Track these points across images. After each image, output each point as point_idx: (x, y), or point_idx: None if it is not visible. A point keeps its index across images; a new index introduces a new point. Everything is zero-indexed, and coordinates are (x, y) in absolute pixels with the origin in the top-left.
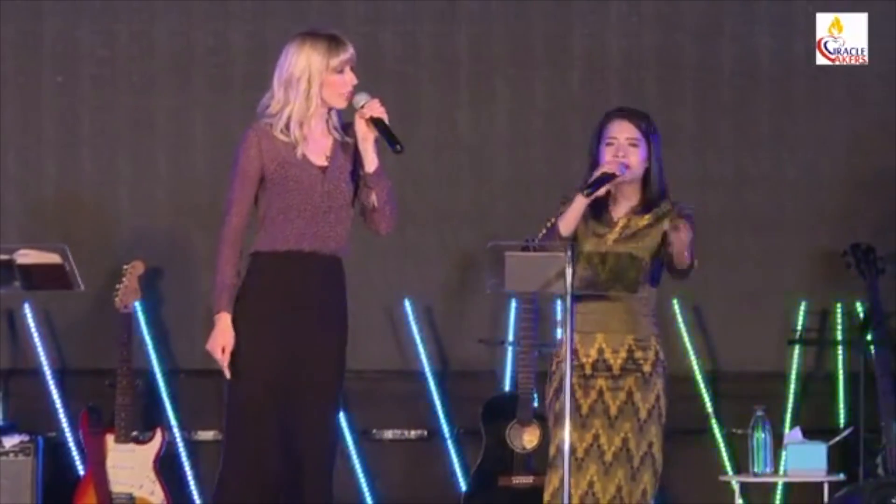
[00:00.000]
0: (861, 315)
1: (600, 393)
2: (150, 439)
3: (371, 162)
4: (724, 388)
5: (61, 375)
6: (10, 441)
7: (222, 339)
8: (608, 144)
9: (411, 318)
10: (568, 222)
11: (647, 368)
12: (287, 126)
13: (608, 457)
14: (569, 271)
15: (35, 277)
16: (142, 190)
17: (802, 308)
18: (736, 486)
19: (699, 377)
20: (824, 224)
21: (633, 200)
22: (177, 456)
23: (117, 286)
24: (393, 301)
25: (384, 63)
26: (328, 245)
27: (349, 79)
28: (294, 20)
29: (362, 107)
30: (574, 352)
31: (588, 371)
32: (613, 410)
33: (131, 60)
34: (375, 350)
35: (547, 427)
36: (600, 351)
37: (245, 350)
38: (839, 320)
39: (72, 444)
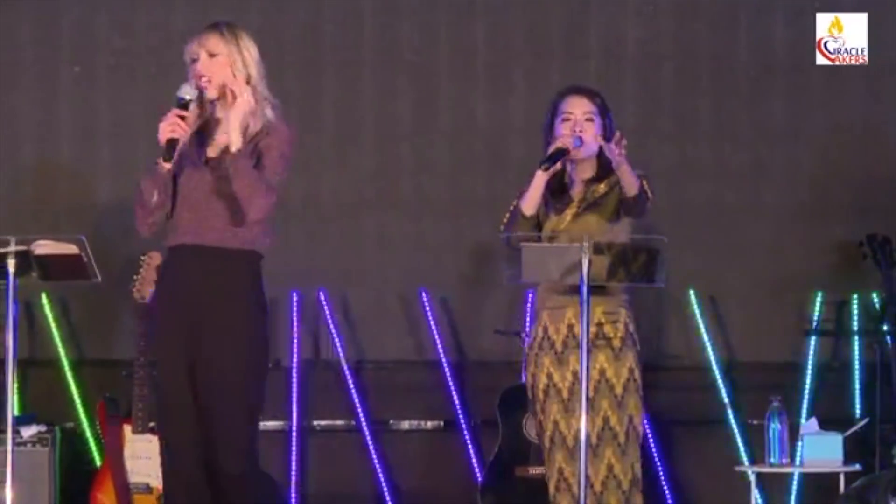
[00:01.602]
0: (877, 306)
1: (575, 374)
2: None
3: (235, 141)
4: (740, 378)
5: (79, 366)
6: (28, 431)
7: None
8: (564, 120)
9: (428, 308)
10: (530, 201)
11: (616, 343)
12: None
13: (593, 439)
14: (585, 262)
15: (52, 268)
16: None
17: (818, 299)
18: (752, 477)
19: (715, 368)
20: (840, 215)
21: (589, 173)
22: None
23: (134, 277)
24: (409, 292)
25: (401, 53)
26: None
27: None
28: (309, 12)
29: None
30: (545, 332)
31: (559, 348)
32: (591, 391)
33: (148, 51)
34: (392, 341)
35: None
36: (570, 326)
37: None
38: (855, 311)
39: (89, 435)
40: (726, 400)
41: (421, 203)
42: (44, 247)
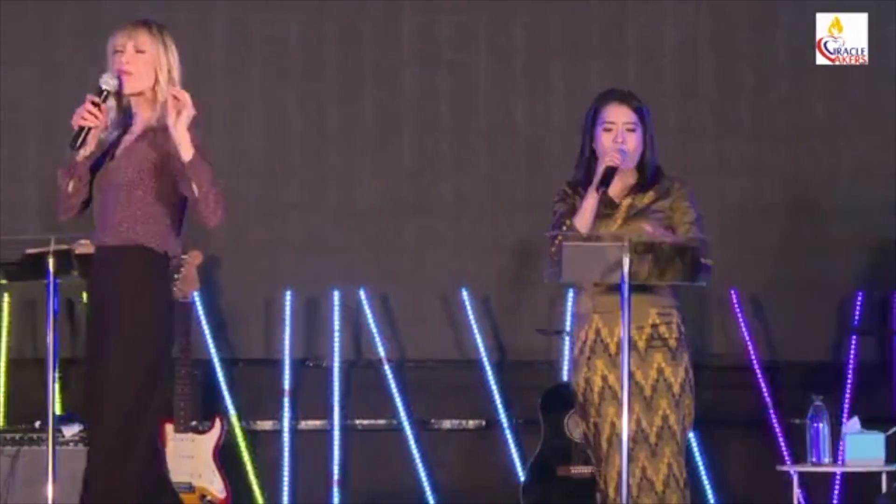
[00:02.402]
0: None
1: (632, 375)
2: (210, 429)
3: (186, 151)
4: (782, 377)
5: None
6: (70, 430)
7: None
8: (606, 130)
9: (469, 307)
10: (585, 220)
11: (672, 343)
12: None
13: (652, 438)
14: (626, 261)
15: None
16: None
17: (860, 298)
18: (794, 476)
19: (757, 367)
20: (881, 213)
21: (631, 180)
22: (235, 445)
23: (175, 276)
24: (450, 291)
25: (440, 52)
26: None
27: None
28: (350, 10)
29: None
30: (597, 335)
31: (613, 351)
32: (648, 391)
33: (188, 49)
34: (433, 340)
35: None
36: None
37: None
38: None
39: None
40: (768, 399)
41: (460, 203)
42: (85, 246)
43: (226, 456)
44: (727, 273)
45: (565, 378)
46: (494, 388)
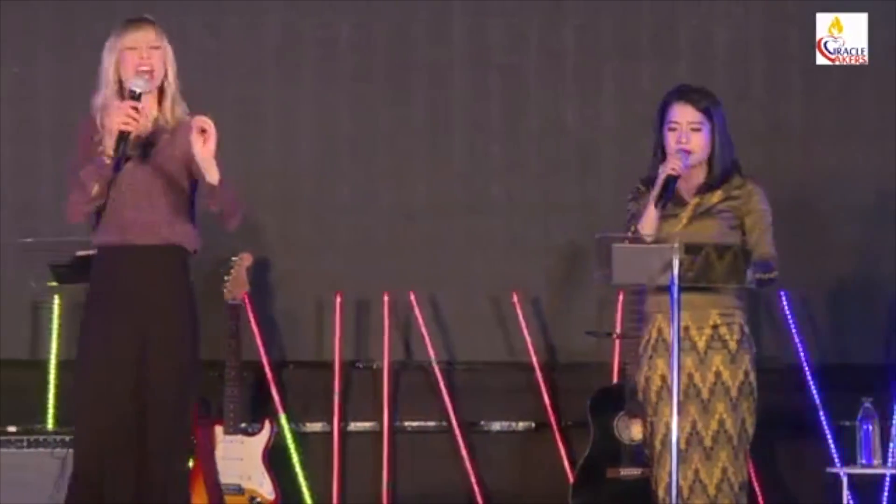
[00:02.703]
0: None
1: (689, 376)
2: (259, 431)
3: (213, 175)
4: (831, 379)
5: None
6: None
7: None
8: (671, 130)
9: (518, 309)
10: (648, 227)
11: (732, 345)
12: None
13: (707, 441)
14: (676, 263)
15: None
16: (249, 181)
17: None
18: (844, 478)
19: (806, 369)
20: None
21: (701, 174)
22: (285, 447)
23: (226, 278)
24: (500, 293)
25: (491, 54)
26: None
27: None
28: (402, 11)
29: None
30: (660, 334)
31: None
32: (705, 393)
33: (239, 52)
34: (483, 342)
35: None
36: (685, 329)
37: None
38: None
39: None
40: (818, 401)
41: (511, 204)
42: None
43: (275, 458)
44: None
45: (615, 380)
46: (544, 390)
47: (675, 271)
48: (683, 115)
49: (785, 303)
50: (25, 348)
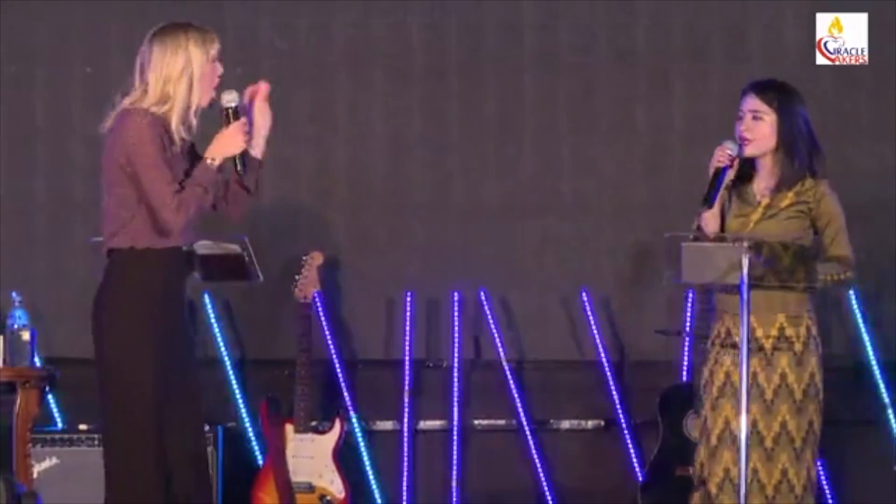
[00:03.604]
0: None
1: (754, 375)
2: (330, 429)
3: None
4: None
5: (241, 366)
6: None
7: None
8: (738, 118)
9: (588, 308)
10: (710, 221)
11: (798, 347)
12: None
13: (768, 442)
14: (745, 262)
15: (215, 269)
16: (321, 181)
17: None
18: None
19: (875, 367)
20: None
21: (774, 174)
22: (355, 446)
23: (297, 277)
24: (570, 291)
25: (561, 56)
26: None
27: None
28: (473, 11)
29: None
30: (727, 332)
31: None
32: (769, 394)
33: (310, 53)
34: (552, 341)
35: None
36: (752, 329)
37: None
38: None
39: (252, 435)
40: (886, 399)
41: (581, 204)
42: (206, 247)
43: (345, 456)
44: None
45: (684, 378)
46: (613, 388)
47: (745, 270)
48: (748, 103)
49: (854, 300)
50: None
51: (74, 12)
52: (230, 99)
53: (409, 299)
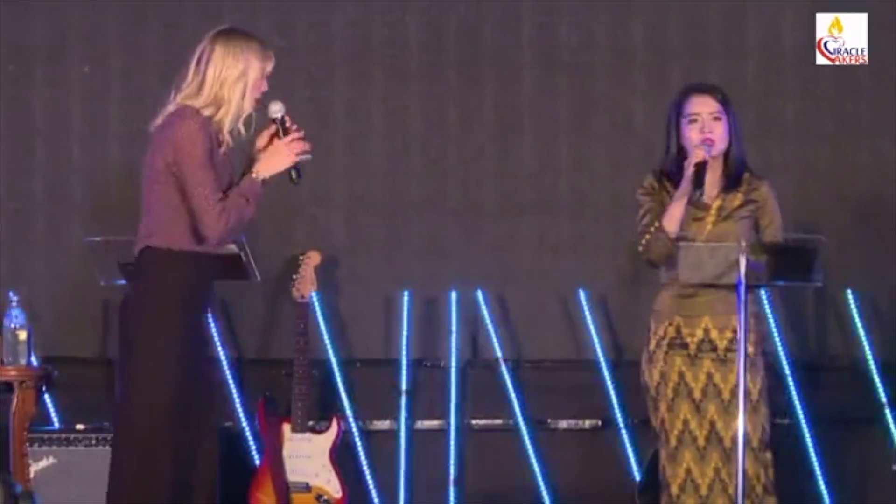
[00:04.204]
0: None
1: (709, 376)
2: (327, 429)
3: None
4: None
5: (238, 365)
6: None
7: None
8: (691, 121)
9: (586, 308)
10: (673, 225)
11: (751, 350)
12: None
13: (727, 443)
14: (742, 261)
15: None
16: (318, 180)
17: None
18: None
19: (873, 367)
20: None
21: (722, 175)
22: (352, 445)
23: (294, 276)
24: (568, 291)
25: (560, 54)
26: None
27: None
28: (471, 10)
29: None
30: (678, 332)
31: (693, 351)
32: (726, 395)
33: (309, 51)
34: (550, 340)
35: None
36: (706, 331)
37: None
38: None
39: (248, 434)
40: (884, 399)
41: (579, 203)
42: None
43: (342, 455)
44: (843, 273)
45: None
46: (611, 387)
47: (742, 270)
48: (703, 106)
49: (851, 300)
50: (93, 347)
51: (73, 12)
52: (276, 109)
53: (406, 299)
